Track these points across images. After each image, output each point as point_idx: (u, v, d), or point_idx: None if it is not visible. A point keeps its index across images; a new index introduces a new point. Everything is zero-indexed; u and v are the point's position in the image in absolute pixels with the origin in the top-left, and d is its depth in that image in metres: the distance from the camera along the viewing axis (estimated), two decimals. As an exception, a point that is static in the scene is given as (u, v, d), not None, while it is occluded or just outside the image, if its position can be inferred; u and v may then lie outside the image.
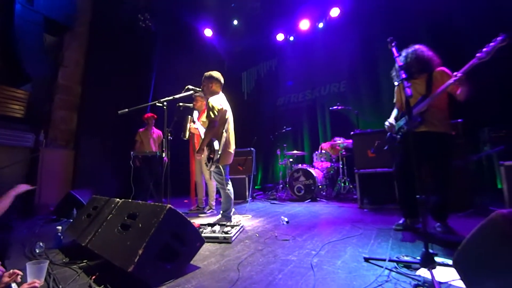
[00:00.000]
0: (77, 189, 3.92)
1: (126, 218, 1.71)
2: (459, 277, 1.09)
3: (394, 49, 1.77)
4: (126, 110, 2.33)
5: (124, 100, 4.92)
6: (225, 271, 1.56)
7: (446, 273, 1.31)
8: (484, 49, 1.82)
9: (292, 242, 2.09)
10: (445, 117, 2.23)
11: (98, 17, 5.15)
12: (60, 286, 1.41)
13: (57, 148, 4.58)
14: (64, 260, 1.81)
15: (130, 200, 1.98)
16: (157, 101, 2.50)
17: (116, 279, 1.43)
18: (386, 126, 2.47)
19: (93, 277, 1.46)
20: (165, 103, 2.50)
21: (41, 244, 2.01)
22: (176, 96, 2.65)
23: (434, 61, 2.24)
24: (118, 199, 2.08)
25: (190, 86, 2.79)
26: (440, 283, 1.19)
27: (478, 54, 1.84)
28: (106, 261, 1.53)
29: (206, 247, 2.03)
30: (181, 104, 3.54)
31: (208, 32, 6.97)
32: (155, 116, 4.84)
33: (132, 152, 4.22)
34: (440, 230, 2.17)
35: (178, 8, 6.18)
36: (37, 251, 1.97)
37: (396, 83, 2.23)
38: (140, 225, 1.55)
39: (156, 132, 4.87)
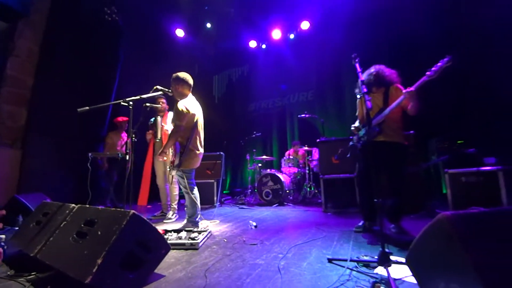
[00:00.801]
0: (24, 193, 3.52)
1: (83, 225, 1.58)
2: (411, 273, 1.21)
3: (357, 65, 1.92)
4: (87, 108, 2.16)
5: (82, 96, 4.57)
6: (191, 278, 1.52)
7: (400, 270, 1.43)
8: (433, 68, 2.05)
9: (260, 246, 2.11)
10: (399, 128, 2.47)
11: (58, 5, 4.72)
12: (2, 303, 1.25)
13: (2, 147, 4.07)
14: (9, 273, 1.61)
15: (87, 206, 1.84)
16: (122, 100, 2.36)
17: (69, 292, 1.31)
18: (352, 128, 2.66)
19: (43, 290, 1.32)
20: (131, 103, 2.38)
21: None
22: (144, 96, 2.54)
23: (392, 78, 2.48)
24: (73, 205, 1.91)
25: (159, 87, 2.69)
26: (395, 279, 1.30)
27: (427, 73, 2.07)
28: (59, 272, 1.39)
29: (172, 254, 1.96)
30: (148, 104, 3.40)
31: (180, 33, 6.81)
32: (126, 119, 4.59)
33: (90, 154, 3.92)
34: (394, 231, 2.36)
35: (148, 4, 5.95)
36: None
37: (358, 96, 2.41)
38: (99, 233, 1.44)
39: (126, 136, 4.62)
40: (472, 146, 3.41)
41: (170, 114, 3.77)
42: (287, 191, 4.90)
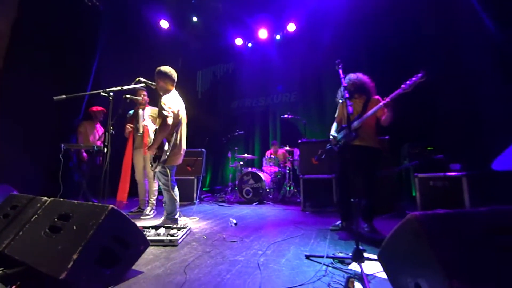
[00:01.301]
0: (-13, 185, 3.27)
1: (56, 219, 1.51)
2: (382, 269, 1.29)
3: (340, 71, 2.00)
4: (64, 96, 2.05)
5: (56, 84, 4.31)
6: (170, 274, 1.51)
7: (372, 266, 1.53)
8: (408, 82, 2.19)
9: (240, 243, 2.14)
10: (374, 133, 2.62)
11: (31, -16, 4.40)
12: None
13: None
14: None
15: (61, 200, 1.76)
16: (102, 90, 2.27)
17: (41, 288, 1.26)
18: (331, 138, 2.76)
19: (14, 287, 1.26)
20: (111, 94, 2.29)
21: None
22: (125, 88, 2.46)
23: (372, 88, 2.63)
24: (45, 198, 1.82)
25: (141, 79, 2.61)
26: (367, 275, 1.39)
27: (402, 85, 2.22)
28: (30, 268, 1.33)
29: (150, 250, 1.93)
30: (128, 96, 3.28)
31: (164, 24, 6.61)
32: (105, 111, 4.37)
33: (62, 145, 3.72)
34: (367, 230, 2.49)
35: (132, -8, 5.73)
36: None
37: (340, 101, 2.51)
38: (74, 227, 1.39)
39: (101, 130, 4.42)
40: (440, 152, 3.66)
41: (150, 109, 3.67)
42: (268, 190, 4.97)
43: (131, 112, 3.77)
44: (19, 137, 4.21)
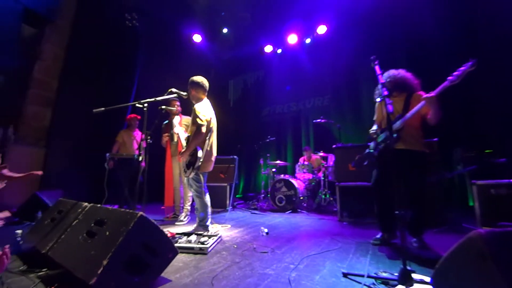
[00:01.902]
0: (45, 190, 3.65)
1: (93, 224, 1.58)
2: (436, 295, 1.09)
3: (377, 67, 1.81)
4: (103, 109, 2.20)
5: (103, 99, 4.70)
6: (198, 285, 1.46)
7: (422, 290, 1.30)
8: (455, 73, 1.91)
9: (270, 255, 2.03)
10: (419, 135, 2.32)
11: (82, 11, 4.96)
12: (11, 299, 1.25)
13: (26, 146, 4.27)
14: (21, 268, 1.63)
15: (99, 205, 1.84)
16: (137, 102, 2.39)
17: (75, 293, 1.29)
18: (371, 132, 2.54)
19: (50, 289, 1.32)
20: (145, 105, 2.40)
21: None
22: (158, 98, 2.56)
23: (415, 84, 2.35)
24: (86, 203, 1.93)
25: (173, 89, 2.71)
26: (417, 301, 1.18)
27: (449, 77, 1.93)
28: (68, 271, 1.39)
29: (180, 258, 1.92)
30: (163, 107, 3.43)
31: (197, 38, 6.93)
32: (139, 117, 4.60)
33: (107, 154, 4.01)
34: (416, 246, 2.19)
35: (167, 11, 6.11)
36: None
37: (378, 100, 2.29)
38: (107, 233, 1.43)
39: (140, 135, 4.64)
40: (502, 155, 3.15)
41: (183, 118, 3.80)
42: (301, 198, 4.77)
43: (165, 122, 3.95)
44: (71, 148, 4.68)
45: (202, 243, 2.14)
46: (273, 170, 5.44)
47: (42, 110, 4.58)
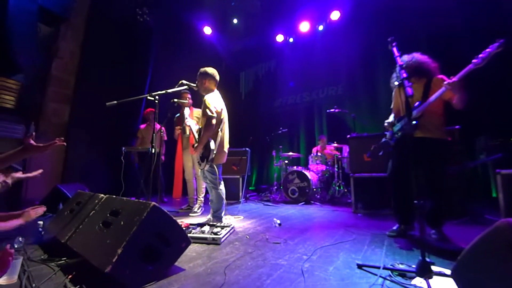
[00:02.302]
0: (66, 183, 3.80)
1: (108, 215, 1.62)
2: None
3: (394, 49, 1.71)
4: (115, 102, 2.23)
5: (118, 94, 4.79)
6: (210, 274, 1.48)
7: (442, 283, 1.25)
8: (480, 55, 1.78)
9: (283, 246, 2.02)
10: (441, 123, 2.20)
11: (95, 9, 5.03)
12: (34, 285, 1.31)
13: (47, 141, 4.44)
14: (42, 257, 1.71)
15: (114, 196, 1.89)
16: (148, 95, 2.41)
17: (93, 280, 1.34)
18: (386, 125, 2.44)
19: (70, 276, 1.37)
20: (157, 97, 2.41)
21: (20, 239, 1.90)
22: (169, 91, 2.57)
23: (434, 68, 2.22)
24: (102, 195, 1.99)
25: (184, 81, 2.71)
26: (436, 294, 1.13)
27: (474, 60, 1.81)
28: (85, 259, 1.44)
29: (194, 248, 1.95)
30: (175, 100, 3.45)
31: (207, 30, 6.89)
32: (154, 110, 4.70)
33: (123, 148, 4.11)
34: (435, 238, 2.11)
35: (177, 4, 6.09)
36: (16, 246, 1.86)
37: (396, 83, 2.17)
38: (122, 223, 1.46)
39: (158, 128, 4.69)
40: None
41: (194, 110, 3.81)
42: (314, 190, 4.72)
43: (177, 115, 3.98)
44: (90, 142, 4.84)
45: (215, 233, 2.16)
46: (286, 162, 5.40)
47: (61, 107, 4.73)
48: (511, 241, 0.74)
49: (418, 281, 1.27)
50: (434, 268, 1.25)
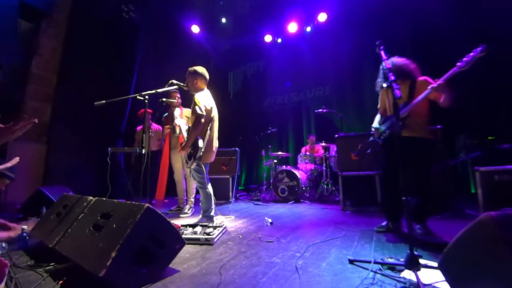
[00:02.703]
0: (48, 186, 3.65)
1: (99, 217, 1.58)
2: (444, 279, 1.09)
3: (382, 52, 1.78)
4: (104, 101, 2.18)
5: (103, 93, 4.65)
6: (206, 274, 1.48)
7: (429, 275, 1.31)
8: (464, 59, 1.87)
9: (276, 244, 2.05)
10: (425, 122, 2.30)
11: (79, 4, 4.85)
12: (21, 292, 1.26)
13: (27, 142, 4.25)
14: (29, 263, 1.64)
15: (104, 199, 1.85)
16: (138, 94, 2.36)
17: (85, 284, 1.31)
18: (373, 130, 2.51)
19: (61, 282, 1.33)
20: (146, 97, 2.38)
21: (3, 245, 1.82)
22: (159, 90, 2.53)
23: (414, 69, 2.32)
24: (91, 197, 1.94)
25: (174, 81, 2.68)
26: (425, 285, 1.19)
27: (458, 63, 1.90)
28: (76, 264, 1.40)
29: (187, 249, 1.94)
30: (164, 99, 3.41)
31: (195, 29, 6.81)
32: (150, 111, 4.61)
33: (109, 149, 4.00)
34: (420, 232, 2.21)
35: (164, 1, 5.99)
36: None
37: (384, 85, 2.25)
38: (114, 226, 1.43)
39: (155, 127, 4.54)
40: (505, 142, 3.14)
41: (183, 110, 3.77)
42: (304, 188, 4.79)
43: (165, 114, 3.92)
44: (73, 143, 4.67)
45: (208, 234, 2.15)
46: (275, 161, 5.44)
47: (42, 105, 4.54)
48: (493, 234, 0.80)
49: (407, 273, 1.33)
50: (421, 260, 1.31)
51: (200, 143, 2.59)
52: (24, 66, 4.35)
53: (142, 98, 2.37)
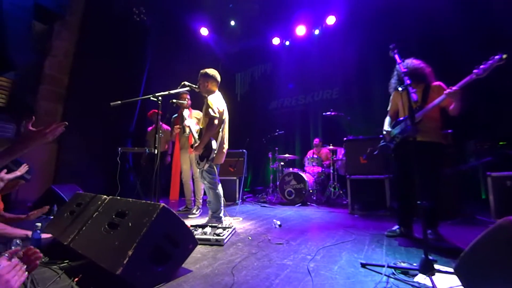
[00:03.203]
0: (59, 184, 3.72)
1: (114, 216, 1.61)
2: (459, 283, 1.08)
3: (396, 56, 1.78)
4: (119, 102, 2.22)
5: (113, 94, 4.73)
6: (218, 275, 1.49)
7: (444, 280, 1.30)
8: (482, 66, 1.80)
9: (286, 246, 2.05)
10: (437, 127, 2.29)
11: (91, 7, 4.96)
12: (38, 288, 1.29)
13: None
14: (43, 260, 1.67)
15: (118, 198, 1.87)
16: (152, 95, 2.40)
17: (101, 282, 1.33)
18: (384, 133, 2.50)
19: (76, 279, 1.36)
20: (160, 98, 2.41)
21: (17, 241, 1.86)
22: (172, 92, 2.57)
23: (429, 73, 2.30)
24: (105, 196, 1.97)
25: (186, 83, 2.71)
26: (440, 290, 1.18)
27: (475, 70, 1.82)
28: (90, 261, 1.42)
29: (198, 249, 1.95)
30: (175, 100, 3.45)
31: (204, 31, 6.89)
32: (160, 112, 4.67)
33: (119, 149, 4.06)
34: (431, 237, 2.18)
35: (174, 4, 6.07)
36: (13, 249, 1.81)
37: (400, 89, 2.24)
38: (130, 224, 1.45)
39: (164, 128, 4.55)
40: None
41: (192, 111, 3.81)
42: (311, 191, 4.78)
43: (175, 116, 3.97)
44: (83, 142, 4.74)
45: (218, 234, 2.17)
46: (282, 163, 5.44)
47: (54, 106, 4.63)
48: (516, 239, 0.80)
49: (420, 278, 1.33)
50: (436, 266, 1.30)
51: (214, 144, 2.62)
52: (38, 66, 4.46)
53: (155, 99, 2.40)
